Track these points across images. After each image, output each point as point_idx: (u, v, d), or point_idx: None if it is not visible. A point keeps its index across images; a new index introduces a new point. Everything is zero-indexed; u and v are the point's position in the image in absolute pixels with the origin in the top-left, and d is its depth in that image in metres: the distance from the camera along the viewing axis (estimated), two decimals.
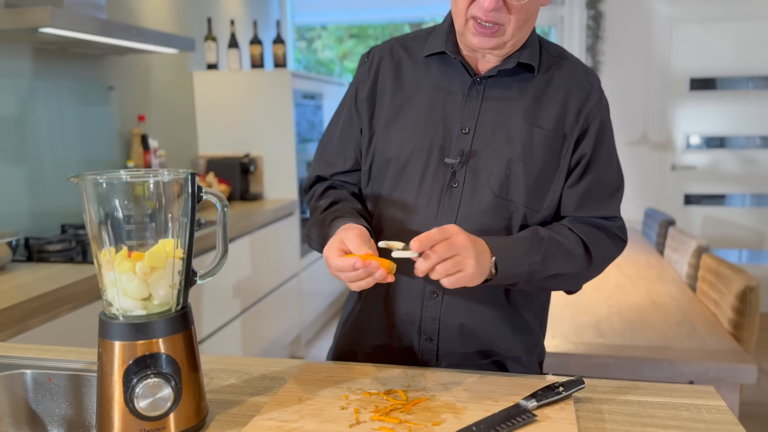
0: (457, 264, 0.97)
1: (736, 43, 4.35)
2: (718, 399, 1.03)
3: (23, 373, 1.19)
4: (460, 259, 0.97)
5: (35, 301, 1.76)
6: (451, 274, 0.97)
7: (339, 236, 1.02)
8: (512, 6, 1.02)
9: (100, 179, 0.87)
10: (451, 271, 0.96)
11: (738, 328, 1.93)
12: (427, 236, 0.96)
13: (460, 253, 0.97)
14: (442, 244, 0.96)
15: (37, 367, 1.20)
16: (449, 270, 0.96)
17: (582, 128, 1.13)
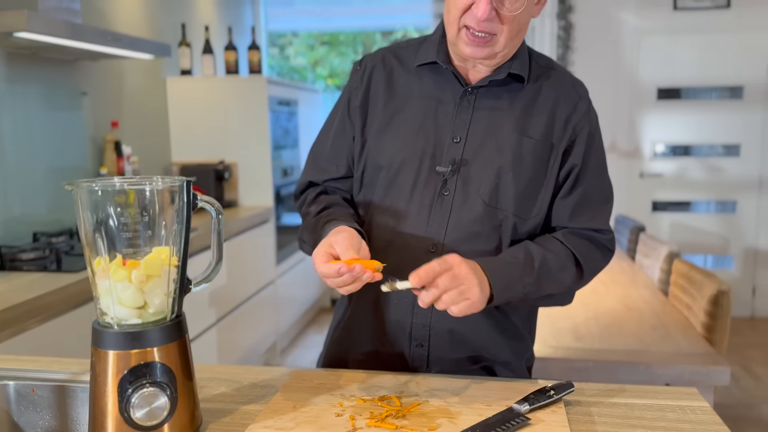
0: (463, 293, 0.98)
1: (701, 55, 4.49)
2: (702, 400, 1.06)
3: (5, 384, 1.17)
4: (465, 288, 0.98)
5: (11, 311, 1.72)
6: (458, 303, 0.98)
7: (328, 240, 1.03)
8: (505, 17, 1.04)
9: (95, 186, 0.86)
10: (457, 301, 0.98)
11: (711, 332, 1.98)
12: (426, 270, 0.97)
13: (464, 282, 0.98)
14: (445, 275, 0.97)
15: (19, 378, 1.18)
16: (456, 300, 0.98)
17: (570, 139, 1.16)
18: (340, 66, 5.62)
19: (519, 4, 1.03)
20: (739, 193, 4.59)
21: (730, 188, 4.60)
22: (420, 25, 5.11)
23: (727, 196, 4.62)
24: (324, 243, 1.02)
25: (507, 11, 1.04)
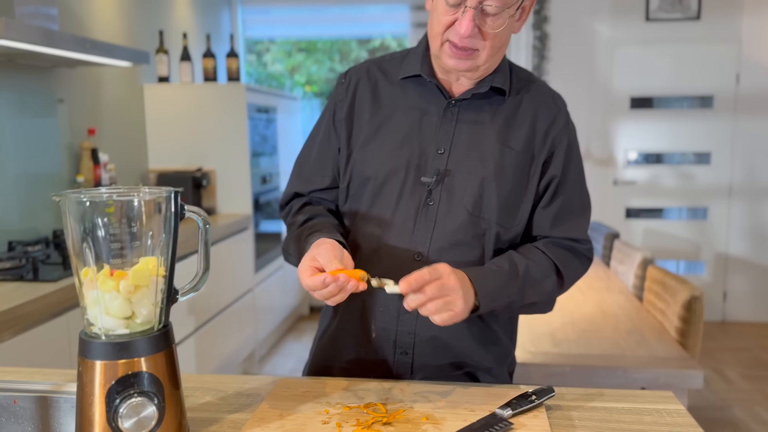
0: (448, 304, 1.01)
1: (673, 65, 4.59)
2: (677, 403, 1.09)
3: None
4: (450, 299, 1.01)
5: None
6: (441, 313, 1.00)
7: (311, 254, 1.04)
8: (487, 33, 1.07)
9: (83, 197, 0.87)
10: (441, 311, 1.00)
11: (684, 336, 2.03)
12: (416, 277, 0.99)
13: (450, 294, 1.01)
14: (433, 284, 0.99)
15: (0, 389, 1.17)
16: (440, 309, 1.00)
17: (549, 150, 1.19)
18: (317, 73, 5.63)
19: (501, 21, 1.06)
20: (710, 200, 4.70)
21: (701, 195, 4.70)
22: (398, 34, 5.15)
23: (698, 203, 4.73)
24: (307, 257, 1.03)
25: (489, 28, 1.07)
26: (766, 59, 4.49)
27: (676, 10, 4.49)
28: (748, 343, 4.32)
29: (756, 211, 4.66)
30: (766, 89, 4.52)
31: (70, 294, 2.01)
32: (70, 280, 2.03)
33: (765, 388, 3.54)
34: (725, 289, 4.76)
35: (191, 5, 4.17)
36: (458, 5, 1.06)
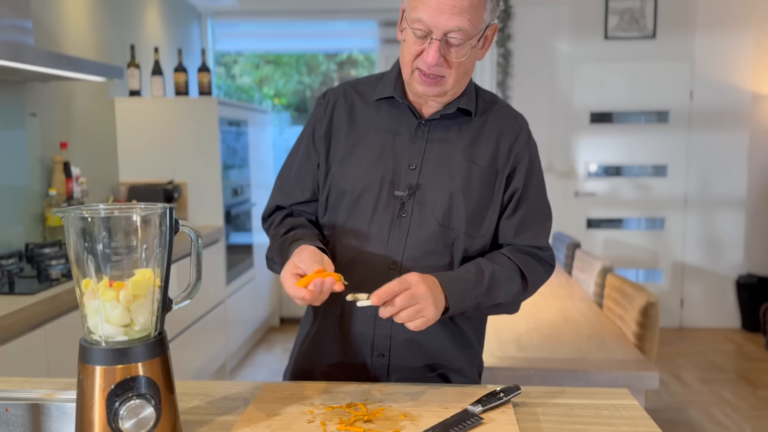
0: (419, 311, 1.09)
1: (630, 82, 4.79)
2: (632, 399, 1.19)
3: None
4: (421, 307, 1.09)
5: None
6: (414, 320, 1.09)
7: (292, 261, 1.12)
8: (452, 62, 1.17)
9: (85, 213, 0.93)
10: (414, 318, 1.09)
11: (641, 340, 2.15)
12: (385, 290, 1.07)
13: (420, 302, 1.09)
14: (403, 295, 1.08)
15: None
16: (412, 317, 1.09)
17: (513, 165, 1.29)
18: (285, 86, 5.70)
19: (464, 51, 1.16)
20: (667, 211, 4.90)
21: (658, 206, 4.90)
22: (365, 50, 5.26)
23: (655, 214, 4.92)
24: (289, 265, 1.11)
25: (454, 57, 1.16)
26: (718, 76, 4.72)
27: (633, 29, 4.70)
28: (704, 348, 4.50)
29: (710, 221, 4.87)
30: (717, 105, 4.74)
31: (48, 306, 2.03)
32: (46, 293, 2.06)
33: (720, 391, 3.71)
34: (682, 296, 4.96)
35: (161, 20, 4.21)
36: (425, 37, 1.16)
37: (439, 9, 1.11)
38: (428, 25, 1.13)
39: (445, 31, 1.13)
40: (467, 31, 1.14)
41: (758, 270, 4.85)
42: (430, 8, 1.12)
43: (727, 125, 4.76)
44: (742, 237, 4.85)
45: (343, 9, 4.86)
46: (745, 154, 4.78)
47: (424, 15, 1.13)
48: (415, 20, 1.14)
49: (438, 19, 1.12)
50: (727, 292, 4.91)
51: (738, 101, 4.73)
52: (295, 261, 1.11)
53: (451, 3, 1.11)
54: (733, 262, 4.88)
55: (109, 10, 3.53)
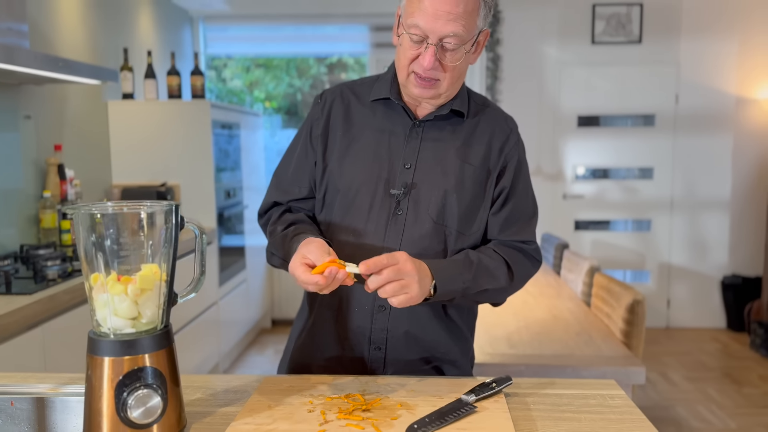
0: (404, 287, 1.13)
1: (617, 86, 4.87)
2: (618, 389, 1.24)
3: None
4: (405, 282, 1.13)
5: None
6: (398, 295, 1.13)
7: (300, 252, 1.16)
8: (447, 66, 1.22)
9: (94, 211, 0.97)
10: (398, 293, 1.12)
11: (628, 337, 2.21)
12: (374, 261, 1.11)
13: (405, 278, 1.13)
14: (390, 268, 1.11)
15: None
16: (396, 291, 1.12)
17: (502, 165, 1.34)
18: (276, 89, 5.73)
19: (458, 56, 1.21)
20: (653, 213, 4.98)
21: (645, 208, 4.98)
22: (356, 54, 5.31)
23: (642, 216, 5.00)
24: (298, 255, 1.15)
25: (448, 61, 1.21)
26: (703, 81, 4.81)
27: (620, 34, 4.78)
28: (691, 347, 4.58)
29: (695, 222, 4.95)
30: (702, 108, 4.83)
31: (45, 306, 2.06)
32: (44, 293, 2.08)
33: (705, 389, 3.78)
34: (669, 296, 5.04)
35: (154, 23, 4.24)
36: (421, 42, 1.20)
37: (435, 15, 1.16)
38: (425, 30, 1.18)
39: (440, 37, 1.18)
40: (462, 36, 1.18)
41: (743, 271, 4.94)
42: (427, 14, 1.16)
43: (711, 128, 4.84)
44: (726, 238, 4.94)
45: (334, 14, 4.90)
46: (729, 157, 4.87)
47: (421, 21, 1.17)
48: (412, 26, 1.19)
49: (434, 24, 1.17)
50: (713, 293, 4.99)
51: (722, 105, 4.82)
52: (303, 252, 1.15)
53: (447, 9, 1.15)
54: (719, 263, 4.97)
55: (103, 14, 3.56)
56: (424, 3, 1.17)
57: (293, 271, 1.13)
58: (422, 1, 1.17)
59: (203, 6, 4.74)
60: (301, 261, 1.12)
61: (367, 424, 1.03)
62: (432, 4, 1.16)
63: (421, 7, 1.17)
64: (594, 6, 4.77)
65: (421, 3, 1.17)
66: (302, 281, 1.11)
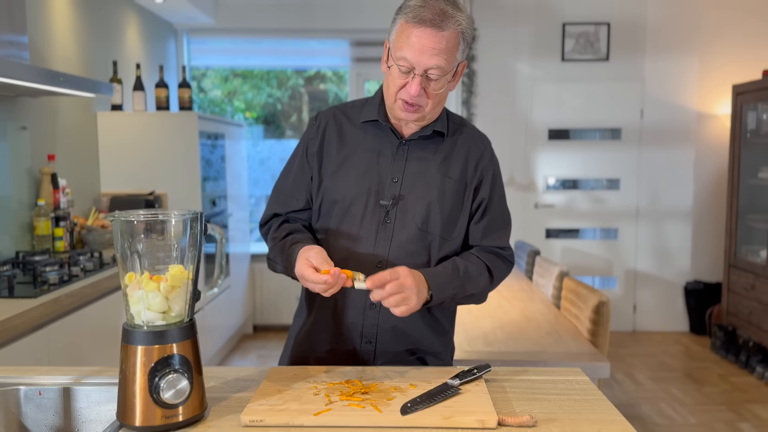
0: (405, 299, 1.30)
1: (585, 101, 5.11)
2: (583, 375, 1.42)
3: (17, 389, 1.36)
4: (406, 295, 1.30)
5: None
6: (399, 306, 1.29)
7: (304, 256, 1.32)
8: (430, 93, 1.39)
9: (131, 218, 1.11)
10: (400, 304, 1.29)
11: (594, 336, 2.39)
12: (379, 277, 1.28)
13: (405, 292, 1.30)
14: (393, 283, 1.28)
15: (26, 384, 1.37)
16: (398, 303, 1.29)
17: (479, 179, 1.51)
18: (256, 99, 5.86)
19: (440, 84, 1.38)
20: (620, 222, 5.22)
21: (612, 217, 5.22)
22: (337, 67, 5.47)
23: (609, 224, 5.24)
24: (302, 259, 1.31)
25: (432, 90, 1.38)
26: (666, 96, 5.08)
27: (588, 52, 5.03)
28: (655, 349, 4.81)
29: (659, 231, 5.21)
30: (666, 123, 5.10)
31: (50, 309, 2.17)
32: (47, 297, 2.19)
33: (668, 388, 4.00)
34: (635, 301, 5.28)
35: (140, 36, 4.35)
36: (409, 72, 1.37)
37: (421, 50, 1.33)
38: (412, 62, 1.35)
39: (425, 68, 1.35)
40: (444, 68, 1.35)
41: (704, 277, 5.20)
42: (414, 49, 1.33)
43: (674, 142, 5.11)
44: (689, 246, 5.20)
45: (316, 29, 5.06)
46: (691, 169, 5.13)
47: (409, 54, 1.34)
48: (400, 58, 1.36)
49: (420, 58, 1.34)
50: (676, 298, 5.24)
51: (685, 119, 5.09)
52: (306, 256, 1.31)
53: (432, 45, 1.32)
54: (681, 270, 5.22)
55: (92, 27, 3.67)
56: (412, 39, 1.33)
57: (301, 273, 1.29)
58: (410, 37, 1.34)
59: (188, 20, 4.87)
60: (308, 264, 1.28)
61: (366, 404, 1.19)
62: (419, 40, 1.33)
63: (409, 42, 1.34)
64: (564, 25, 5.01)
65: (409, 39, 1.34)
66: (312, 281, 1.27)
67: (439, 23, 1.32)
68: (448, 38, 1.33)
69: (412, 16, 1.33)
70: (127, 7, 4.14)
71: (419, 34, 1.32)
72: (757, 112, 4.53)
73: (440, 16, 1.32)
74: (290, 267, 1.39)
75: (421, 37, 1.32)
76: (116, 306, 2.71)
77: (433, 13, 1.32)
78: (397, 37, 1.37)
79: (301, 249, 1.35)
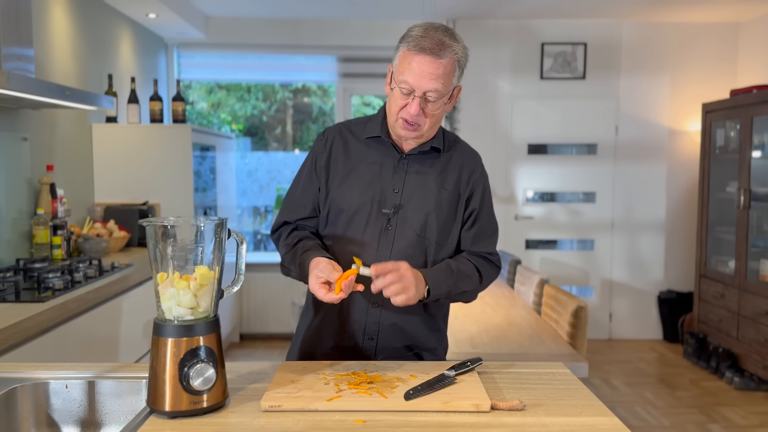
0: (404, 289, 1.44)
1: (563, 117, 5.32)
2: (565, 369, 1.57)
3: (47, 383, 1.46)
4: (405, 286, 1.44)
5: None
6: (399, 295, 1.43)
7: (314, 273, 1.46)
8: (428, 113, 1.53)
9: (165, 223, 1.24)
10: (399, 293, 1.44)
11: (573, 338, 2.55)
12: (382, 266, 1.42)
13: (405, 282, 1.44)
14: (394, 273, 1.43)
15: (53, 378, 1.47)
16: (398, 292, 1.43)
17: (471, 190, 1.66)
18: (242, 110, 5.98)
19: (437, 105, 1.53)
20: (596, 233, 5.42)
21: (588, 229, 5.42)
22: (323, 82, 5.62)
23: (586, 236, 5.44)
24: (313, 276, 1.45)
25: (430, 110, 1.53)
26: (640, 114, 5.31)
27: (566, 71, 5.25)
28: (630, 356, 4.99)
29: (634, 242, 5.42)
30: (640, 139, 5.32)
31: (58, 312, 2.27)
32: (54, 302, 2.29)
33: (643, 393, 4.17)
34: (611, 310, 5.47)
35: (133, 51, 4.46)
36: (409, 94, 1.52)
37: (421, 75, 1.48)
38: (412, 85, 1.50)
39: (424, 91, 1.50)
40: (441, 91, 1.50)
41: (677, 286, 5.41)
42: (414, 74, 1.48)
43: (648, 157, 5.33)
44: (662, 257, 5.41)
45: (304, 44, 5.21)
46: (664, 183, 5.36)
47: (410, 78, 1.49)
48: (402, 81, 1.51)
49: (420, 82, 1.49)
50: (650, 307, 5.45)
51: (657, 136, 5.32)
52: (317, 273, 1.45)
53: (430, 71, 1.48)
54: (655, 280, 5.43)
55: (88, 41, 3.77)
56: (413, 65, 1.49)
57: (315, 292, 1.44)
58: (411, 63, 1.49)
59: (180, 35, 4.98)
60: (317, 282, 1.43)
61: (373, 392, 1.32)
62: (419, 66, 1.48)
63: (411, 67, 1.49)
64: (543, 45, 5.22)
65: (410, 64, 1.49)
66: (328, 300, 1.42)
67: (437, 52, 1.47)
68: (446, 65, 1.48)
69: (413, 45, 1.48)
70: (121, 22, 4.25)
71: (419, 60, 1.47)
72: (725, 130, 4.77)
73: (438, 46, 1.47)
74: (303, 276, 1.54)
75: (421, 63, 1.47)
76: (119, 310, 2.81)
77: (432, 42, 1.47)
78: (400, 62, 1.52)
79: (311, 261, 1.49)
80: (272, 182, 5.91)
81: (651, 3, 4.70)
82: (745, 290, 4.39)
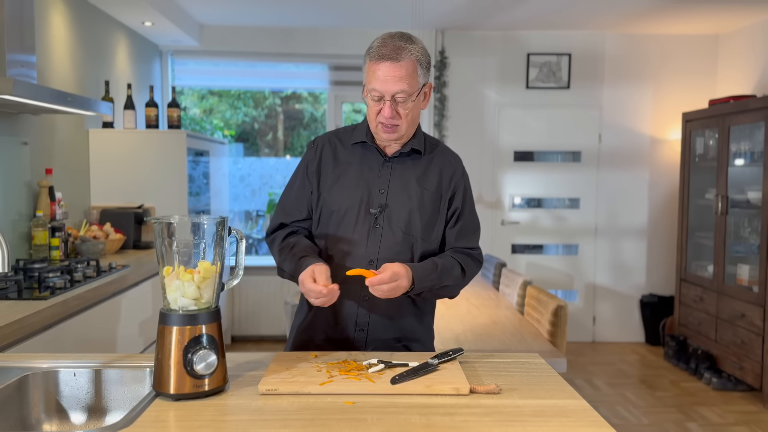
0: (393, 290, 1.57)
1: (548, 125, 5.47)
2: (540, 359, 1.68)
3: (56, 371, 1.56)
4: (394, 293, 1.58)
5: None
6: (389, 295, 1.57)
7: (310, 269, 1.57)
8: (402, 114, 1.66)
9: (171, 220, 1.34)
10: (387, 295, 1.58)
11: (553, 336, 2.67)
12: (379, 279, 1.55)
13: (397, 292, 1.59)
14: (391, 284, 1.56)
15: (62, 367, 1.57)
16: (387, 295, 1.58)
17: (453, 191, 1.79)
18: (233, 117, 6.08)
19: (409, 105, 1.66)
20: (580, 238, 5.56)
21: (572, 234, 5.55)
22: (315, 89, 5.73)
23: (570, 241, 5.57)
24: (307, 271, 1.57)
25: (402, 110, 1.66)
26: (622, 122, 5.46)
27: (551, 80, 5.40)
28: (613, 358, 5.12)
29: (616, 247, 5.56)
30: (622, 147, 5.47)
31: (60, 309, 2.36)
32: (57, 299, 2.38)
33: (624, 393, 4.30)
34: (594, 313, 5.60)
35: (129, 57, 4.56)
36: (380, 99, 1.65)
37: (385, 80, 1.62)
38: (380, 91, 1.63)
39: (392, 94, 1.63)
40: (408, 91, 1.63)
41: (658, 290, 5.56)
42: (380, 80, 1.62)
43: (630, 164, 5.49)
44: (644, 261, 5.56)
45: (296, 53, 5.33)
46: (645, 190, 5.51)
47: (377, 85, 1.63)
48: (372, 89, 1.64)
49: (385, 86, 1.62)
50: (633, 310, 5.59)
51: (639, 144, 5.47)
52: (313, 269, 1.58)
53: (393, 74, 1.61)
54: (637, 284, 5.57)
55: (85, 47, 3.87)
56: (377, 73, 1.62)
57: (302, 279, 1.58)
58: (376, 72, 1.63)
59: (174, 42, 5.09)
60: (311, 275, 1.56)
61: (362, 377, 1.43)
62: (383, 72, 1.62)
63: (376, 76, 1.63)
64: (528, 55, 5.37)
65: (375, 73, 1.63)
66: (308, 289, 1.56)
67: (395, 56, 1.61)
68: (406, 67, 1.62)
69: (374, 55, 1.63)
70: (117, 30, 4.35)
71: (381, 67, 1.61)
72: (704, 138, 4.93)
73: (396, 51, 1.61)
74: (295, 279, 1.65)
75: (383, 69, 1.61)
76: (117, 309, 2.90)
77: (389, 49, 1.61)
78: (367, 74, 1.66)
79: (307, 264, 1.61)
80: (264, 187, 6.02)
81: (633, 15, 4.86)
82: (723, 294, 4.54)
